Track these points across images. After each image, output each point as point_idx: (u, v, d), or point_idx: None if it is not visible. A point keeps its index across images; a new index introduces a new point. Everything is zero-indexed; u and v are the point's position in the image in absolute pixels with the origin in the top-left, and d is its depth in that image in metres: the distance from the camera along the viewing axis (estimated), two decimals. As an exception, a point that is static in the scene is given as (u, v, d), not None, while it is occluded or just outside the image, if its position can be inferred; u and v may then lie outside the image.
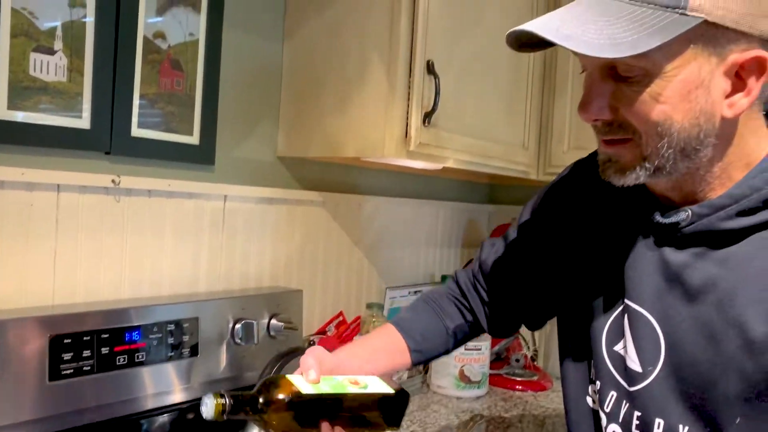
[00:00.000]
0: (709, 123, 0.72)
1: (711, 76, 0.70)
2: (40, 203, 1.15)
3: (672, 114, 0.71)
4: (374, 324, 1.76)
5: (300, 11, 1.56)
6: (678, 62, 0.70)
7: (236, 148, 1.50)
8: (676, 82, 0.70)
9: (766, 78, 0.70)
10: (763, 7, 0.68)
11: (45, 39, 1.13)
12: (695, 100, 0.71)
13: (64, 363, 1.07)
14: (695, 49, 0.69)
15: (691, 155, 0.73)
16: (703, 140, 0.73)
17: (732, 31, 0.68)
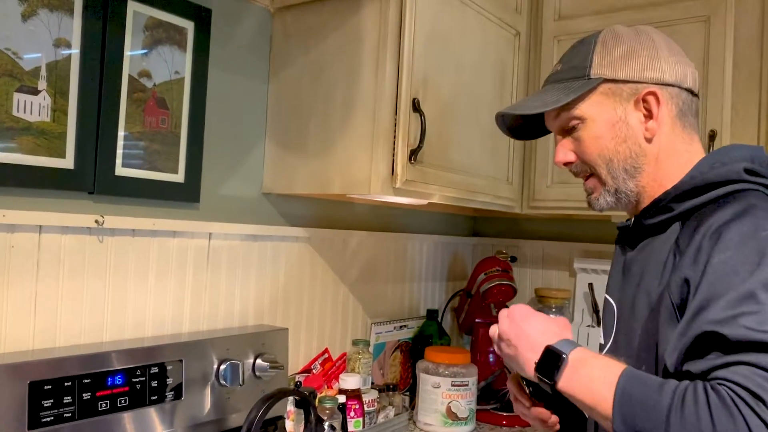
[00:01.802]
0: (636, 146, 0.97)
1: (625, 112, 0.98)
2: (21, 245, 1.12)
3: (607, 145, 0.98)
4: (360, 360, 1.74)
5: (285, 51, 1.57)
6: (598, 108, 0.99)
7: (221, 185, 1.49)
8: (603, 122, 0.98)
9: (663, 103, 0.96)
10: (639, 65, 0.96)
11: (29, 79, 1.12)
12: (620, 131, 0.98)
13: (44, 410, 1.04)
14: (608, 97, 0.98)
15: (634, 174, 0.98)
16: (637, 160, 0.98)
17: (626, 81, 0.97)
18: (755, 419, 0.69)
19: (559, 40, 1.87)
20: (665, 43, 0.98)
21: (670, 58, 0.97)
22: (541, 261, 2.26)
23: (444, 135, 1.54)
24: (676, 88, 0.96)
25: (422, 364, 1.80)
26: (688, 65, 0.98)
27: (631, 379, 0.79)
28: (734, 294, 0.76)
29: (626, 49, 0.98)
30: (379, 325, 1.94)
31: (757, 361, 0.71)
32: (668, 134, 0.97)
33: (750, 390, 0.70)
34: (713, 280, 0.80)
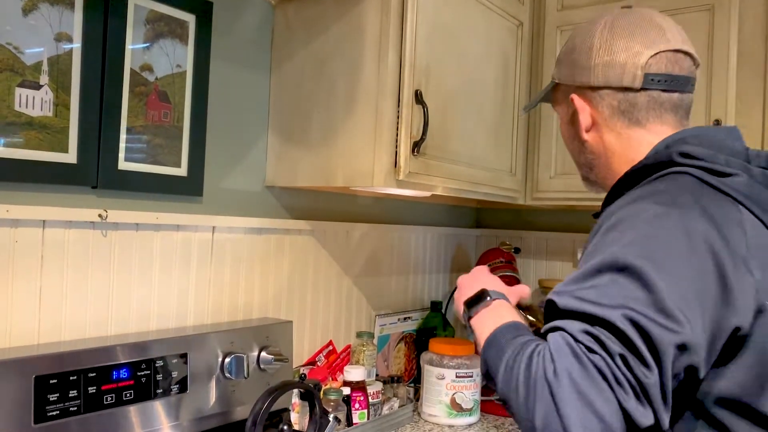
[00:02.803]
0: (580, 144, 1.04)
1: (568, 114, 1.06)
2: (25, 240, 1.13)
3: (567, 141, 1.09)
4: (364, 352, 1.75)
5: (287, 43, 1.57)
6: (559, 108, 1.09)
7: (224, 178, 1.49)
8: (562, 121, 1.09)
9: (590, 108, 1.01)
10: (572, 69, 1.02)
11: (30, 73, 1.12)
12: (568, 130, 1.07)
13: (50, 404, 1.04)
14: (561, 98, 1.07)
15: (591, 167, 1.05)
16: (586, 156, 1.04)
17: (565, 84, 1.04)
18: (541, 374, 0.75)
19: (562, 31, 1.86)
20: (607, 42, 0.98)
21: (601, 61, 0.98)
22: (544, 252, 2.26)
23: (447, 126, 1.53)
24: (606, 90, 0.98)
25: (426, 356, 1.80)
26: (627, 60, 0.96)
27: (508, 327, 0.88)
28: (586, 269, 0.80)
29: (567, 52, 1.04)
30: (383, 317, 1.95)
31: (566, 327, 0.78)
32: (608, 133, 1.00)
33: (551, 352, 0.76)
34: (588, 251, 0.85)
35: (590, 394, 0.72)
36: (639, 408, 0.72)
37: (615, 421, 0.72)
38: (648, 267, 0.76)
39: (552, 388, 0.74)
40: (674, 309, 0.73)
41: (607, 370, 0.73)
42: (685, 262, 0.77)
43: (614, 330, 0.74)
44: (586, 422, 0.71)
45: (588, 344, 0.75)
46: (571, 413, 0.72)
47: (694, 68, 0.99)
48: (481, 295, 0.98)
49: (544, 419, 0.73)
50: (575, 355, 0.74)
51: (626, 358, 0.73)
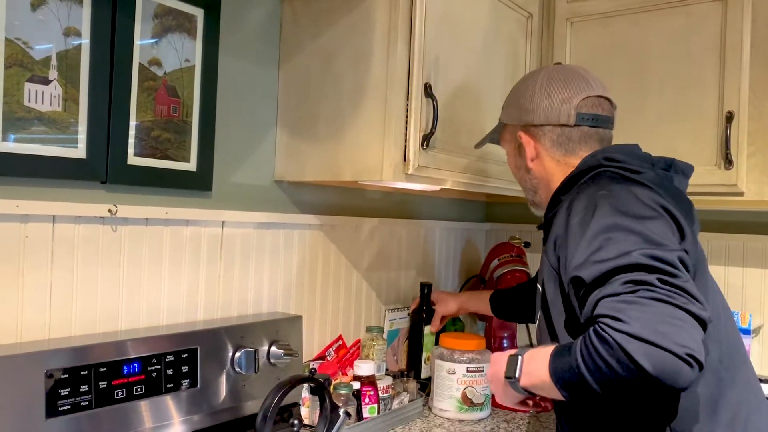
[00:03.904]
0: (525, 172, 1.27)
1: (515, 148, 1.28)
2: (35, 235, 1.13)
3: (515, 172, 1.32)
4: (374, 347, 1.74)
5: (295, 37, 1.56)
6: (507, 146, 1.33)
7: (233, 173, 1.48)
8: (510, 156, 1.32)
9: (534, 141, 1.23)
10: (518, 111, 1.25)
11: (39, 69, 1.12)
12: (515, 161, 1.30)
13: (62, 399, 1.05)
14: (507, 136, 1.31)
15: (535, 191, 1.27)
16: (531, 181, 1.27)
17: (511, 125, 1.28)
18: (617, 333, 0.85)
19: (572, 23, 1.85)
20: (544, 89, 1.21)
21: (541, 104, 1.21)
22: (555, 246, 2.25)
23: (456, 120, 1.52)
24: (546, 126, 1.21)
25: (437, 351, 1.80)
26: (563, 105, 1.19)
27: (556, 350, 0.96)
28: (585, 240, 0.96)
29: (515, 98, 1.26)
30: (393, 312, 1.94)
31: (606, 292, 0.90)
32: (549, 161, 1.22)
33: (608, 315, 0.87)
34: (572, 237, 1.00)
35: (665, 316, 0.84)
36: (697, 305, 0.87)
37: (694, 326, 0.85)
38: (626, 221, 0.95)
39: (634, 335, 0.83)
40: (661, 239, 0.94)
41: (658, 294, 0.86)
42: (646, 213, 0.98)
43: (637, 267, 0.89)
44: (680, 338, 0.83)
45: (630, 289, 0.87)
46: (665, 339, 0.82)
47: (612, 110, 1.23)
48: (512, 360, 1.03)
49: (650, 361, 0.82)
50: (629, 302, 0.86)
51: (662, 278, 0.87)
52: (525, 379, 1.01)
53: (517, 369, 1.01)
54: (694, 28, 1.66)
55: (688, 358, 0.83)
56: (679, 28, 1.69)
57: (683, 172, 1.16)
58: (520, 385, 1.01)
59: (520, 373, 1.01)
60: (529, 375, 1.00)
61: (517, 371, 1.01)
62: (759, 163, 1.61)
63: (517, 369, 1.01)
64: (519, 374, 1.01)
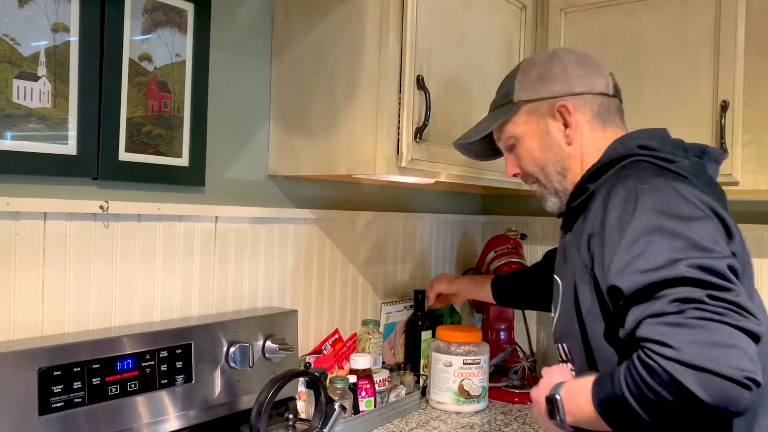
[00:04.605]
0: (561, 151, 1.16)
1: (546, 125, 1.16)
2: (26, 232, 1.13)
3: (538, 155, 1.18)
4: (370, 340, 1.74)
5: (287, 31, 1.55)
6: (525, 128, 1.19)
7: (226, 168, 1.48)
8: (531, 137, 1.18)
9: (576, 111, 1.13)
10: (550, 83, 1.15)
11: (28, 65, 1.11)
12: (546, 141, 1.17)
13: (55, 396, 1.04)
14: (531, 116, 1.18)
15: (565, 174, 1.16)
16: (564, 162, 1.16)
17: (542, 99, 1.16)
18: (666, 362, 0.79)
19: (567, 13, 1.84)
20: (574, 60, 1.16)
21: (578, 72, 1.14)
22: (551, 238, 2.25)
23: (450, 112, 1.51)
24: (587, 95, 1.14)
25: (434, 343, 1.80)
26: (598, 75, 1.16)
27: (596, 381, 0.91)
28: (624, 242, 0.90)
29: (539, 72, 1.17)
30: (389, 305, 1.94)
31: (650, 311, 0.84)
32: (588, 134, 1.14)
33: (654, 340, 0.81)
34: (609, 236, 0.94)
35: (718, 338, 0.78)
36: (751, 321, 0.81)
37: (749, 344, 0.79)
38: (671, 222, 0.88)
39: (686, 363, 0.78)
40: (709, 244, 0.86)
41: (709, 313, 0.80)
42: (692, 212, 0.91)
43: (684, 281, 0.83)
44: (736, 361, 0.77)
45: (677, 309, 0.81)
46: (720, 364, 0.77)
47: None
48: (551, 403, 0.98)
49: (706, 391, 0.77)
50: (677, 324, 0.80)
51: (712, 295, 0.81)
52: (570, 418, 0.95)
53: (559, 411, 0.96)
54: (689, 17, 1.65)
55: (747, 381, 0.77)
56: (673, 17, 1.68)
57: (715, 159, 1.10)
58: (568, 425, 0.96)
59: (563, 415, 0.96)
60: (572, 414, 0.95)
61: (559, 414, 0.96)
62: (754, 152, 1.60)
63: (558, 411, 0.96)
64: (563, 416, 0.96)
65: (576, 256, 1.04)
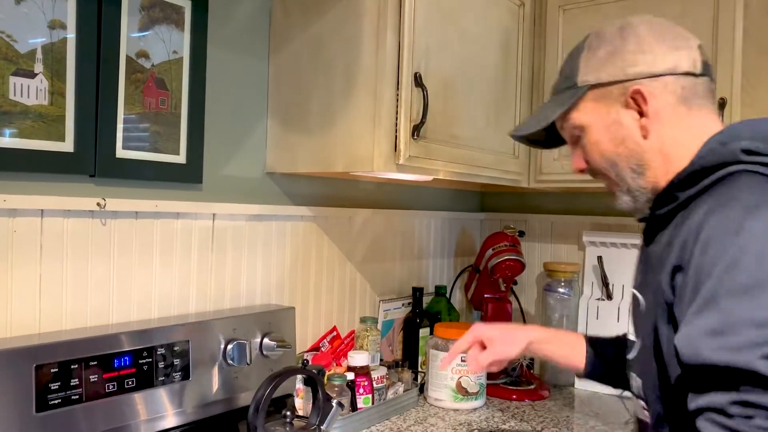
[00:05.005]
0: (635, 145, 0.97)
1: (617, 114, 0.97)
2: (23, 229, 1.12)
3: (607, 148, 0.99)
4: (368, 338, 1.75)
5: (285, 28, 1.55)
6: (593, 115, 0.99)
7: (224, 165, 1.48)
8: (598, 128, 0.99)
9: (656, 96, 0.94)
10: (622, 63, 0.96)
11: (24, 62, 1.11)
12: (616, 133, 0.98)
13: (52, 393, 1.04)
14: (598, 102, 0.98)
15: (642, 172, 0.97)
16: (640, 158, 0.97)
17: (612, 83, 0.96)
18: None
19: (565, 10, 1.84)
20: (652, 32, 0.96)
21: (657, 48, 0.94)
22: (549, 235, 2.25)
23: (447, 109, 1.51)
24: (669, 76, 0.94)
25: (432, 341, 1.80)
26: (683, 49, 0.95)
27: None
28: (701, 300, 0.76)
29: (609, 50, 0.97)
30: (387, 303, 1.94)
31: (712, 404, 0.73)
32: (670, 124, 0.95)
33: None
34: (693, 284, 0.79)
35: None
36: None
37: None
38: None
39: None
40: None
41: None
42: None
43: (759, 379, 0.69)
44: None
45: (744, 414, 0.70)
46: None
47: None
48: None
49: None
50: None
51: None
52: None
53: None
54: (688, 14, 1.65)
55: None
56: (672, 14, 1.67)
57: None
58: None
59: None
60: None
61: None
62: (752, 149, 1.60)
63: None
64: None
65: (658, 288, 0.90)
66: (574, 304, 2.07)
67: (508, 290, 2.11)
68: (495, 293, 2.10)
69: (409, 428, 1.57)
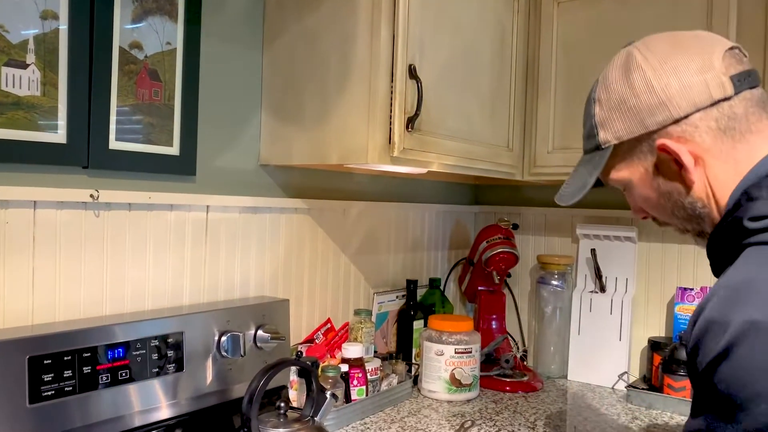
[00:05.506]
0: (681, 196, 0.88)
1: (654, 169, 0.89)
2: (15, 221, 1.12)
3: (657, 202, 0.92)
4: (362, 330, 1.75)
5: (279, 19, 1.54)
6: (629, 171, 0.92)
7: (218, 157, 1.47)
8: (641, 183, 0.92)
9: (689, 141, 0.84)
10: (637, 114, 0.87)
11: (16, 52, 1.10)
12: (660, 187, 0.90)
13: (45, 384, 1.04)
14: (630, 157, 0.91)
15: (701, 217, 0.88)
16: (693, 207, 0.88)
17: (634, 138, 0.88)
18: None
19: (559, 3, 1.83)
20: (662, 65, 0.85)
21: (671, 86, 0.83)
22: (543, 228, 2.25)
23: (442, 101, 1.51)
24: (696, 113, 0.82)
25: (426, 333, 1.81)
26: (703, 73, 0.82)
27: None
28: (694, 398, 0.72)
29: (619, 100, 0.88)
30: (381, 295, 1.95)
31: None
32: (714, 164, 0.83)
33: None
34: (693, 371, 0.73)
35: None
36: None
37: None
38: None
39: None
40: None
41: None
42: None
43: None
44: None
45: None
46: None
47: (748, 59, 0.87)
48: None
49: None
50: None
51: None
52: None
53: None
54: (682, 8, 1.65)
55: None
56: (666, 8, 1.67)
57: None
58: None
59: None
60: None
61: None
62: (745, 143, 1.61)
63: None
64: None
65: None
66: (567, 297, 2.08)
67: (502, 283, 2.11)
68: (489, 286, 2.10)
69: (403, 419, 1.57)
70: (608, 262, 2.04)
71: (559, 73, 1.83)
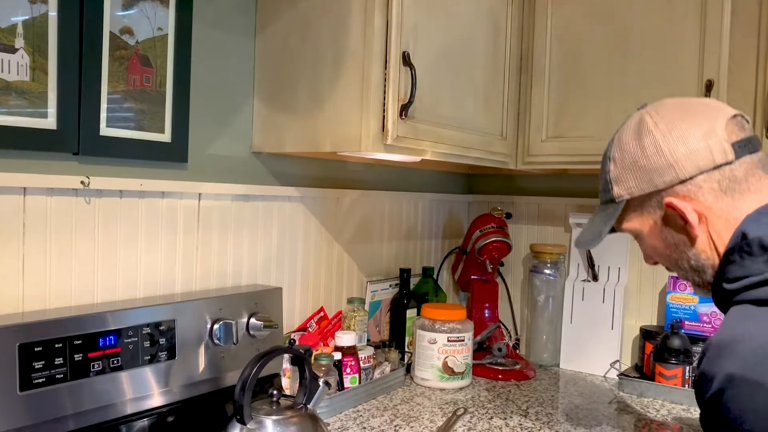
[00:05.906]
0: (687, 248, 0.97)
1: (662, 222, 0.99)
2: (5, 207, 1.11)
3: (665, 252, 1.02)
4: (356, 318, 1.75)
5: (272, 6, 1.53)
6: (639, 223, 1.03)
7: (210, 144, 1.46)
8: (651, 235, 1.02)
9: (694, 200, 0.93)
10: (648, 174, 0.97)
11: (5, 37, 1.09)
12: (668, 239, 1.00)
13: (36, 372, 1.04)
14: (640, 213, 1.02)
15: (704, 269, 0.97)
16: (697, 259, 0.96)
17: (645, 195, 0.99)
18: None
19: (554, -10, 1.82)
20: (670, 131, 0.94)
21: (679, 151, 0.93)
22: (536, 217, 2.26)
23: (435, 89, 1.51)
24: (700, 176, 0.93)
25: (419, 321, 1.81)
26: (707, 138, 0.92)
27: None
28: None
29: (631, 161, 0.99)
30: (374, 284, 1.95)
31: None
32: (716, 221, 0.93)
33: None
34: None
35: None
36: None
37: None
38: None
39: None
40: None
41: None
42: None
43: None
44: None
45: None
46: None
47: (750, 126, 0.97)
48: None
49: None
50: None
51: None
52: None
53: None
54: (676, -4, 1.64)
55: None
56: (660, -5, 1.67)
57: None
58: None
59: None
60: None
61: None
62: (738, 132, 1.61)
63: None
64: None
65: None
66: (560, 286, 2.08)
67: (495, 271, 2.12)
68: (482, 274, 2.11)
69: (396, 407, 1.58)
70: (601, 251, 2.04)
71: (553, 62, 1.82)
